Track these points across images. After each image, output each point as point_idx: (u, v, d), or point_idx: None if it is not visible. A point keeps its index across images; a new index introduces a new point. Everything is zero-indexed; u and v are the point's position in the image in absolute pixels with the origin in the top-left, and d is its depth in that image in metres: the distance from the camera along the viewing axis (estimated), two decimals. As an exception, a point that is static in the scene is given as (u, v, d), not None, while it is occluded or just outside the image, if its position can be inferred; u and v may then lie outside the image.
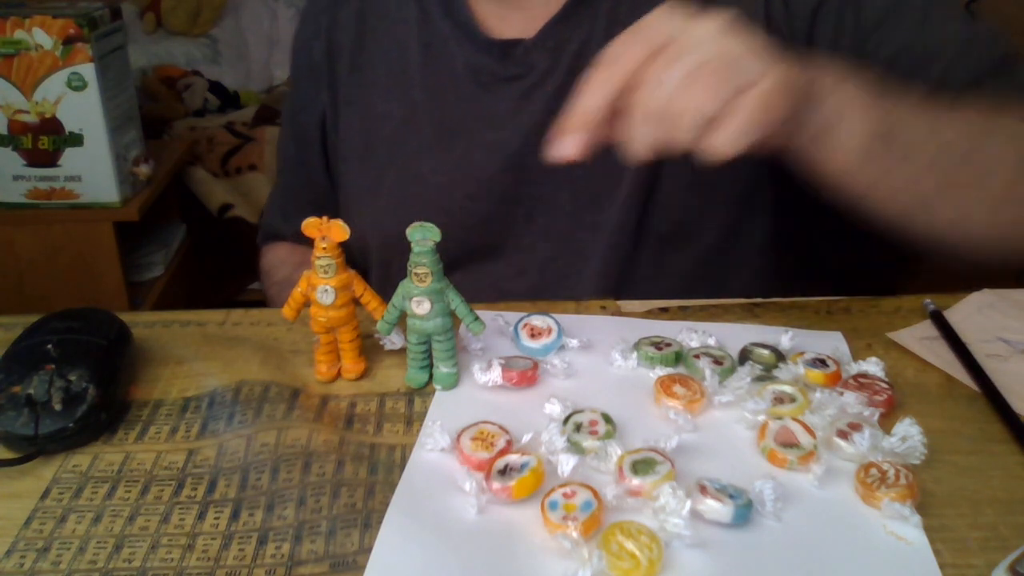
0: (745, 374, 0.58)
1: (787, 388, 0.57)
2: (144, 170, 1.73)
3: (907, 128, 0.62)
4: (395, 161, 0.85)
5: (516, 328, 0.65)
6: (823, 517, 0.48)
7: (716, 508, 0.46)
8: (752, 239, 0.80)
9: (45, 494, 0.52)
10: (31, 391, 0.55)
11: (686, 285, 0.77)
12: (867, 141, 0.59)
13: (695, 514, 0.47)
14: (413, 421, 0.57)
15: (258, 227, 1.06)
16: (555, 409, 0.56)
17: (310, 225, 0.58)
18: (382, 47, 0.86)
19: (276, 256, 1.00)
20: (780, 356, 0.61)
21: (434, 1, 0.83)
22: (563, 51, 0.78)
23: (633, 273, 0.79)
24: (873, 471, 0.50)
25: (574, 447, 0.53)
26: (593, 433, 0.54)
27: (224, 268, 2.19)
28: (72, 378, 0.56)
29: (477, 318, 0.59)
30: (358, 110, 0.88)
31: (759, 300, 0.71)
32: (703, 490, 0.47)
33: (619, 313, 0.69)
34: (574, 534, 0.45)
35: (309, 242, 0.58)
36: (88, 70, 1.53)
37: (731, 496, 0.47)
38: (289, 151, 0.98)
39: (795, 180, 0.65)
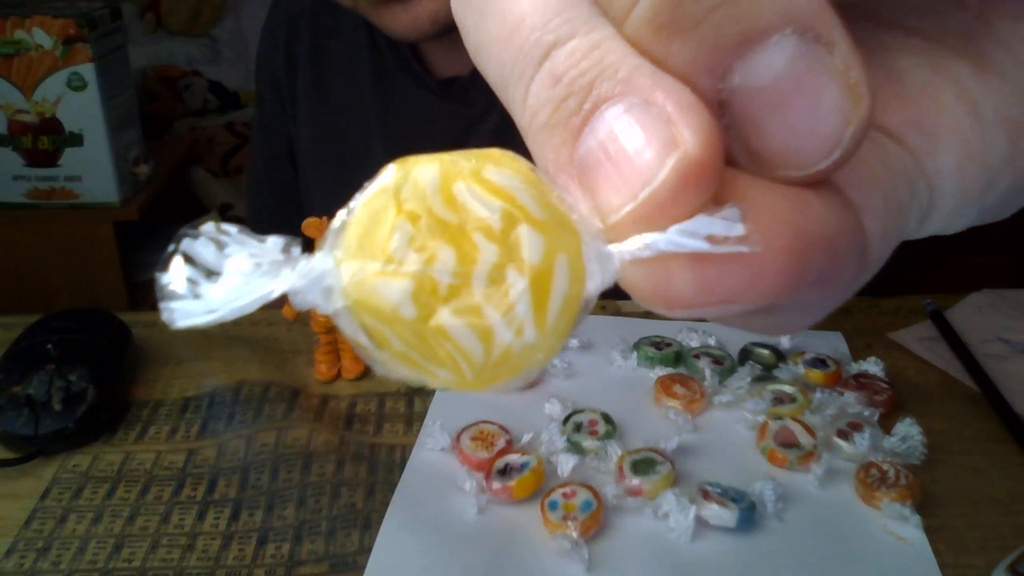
0: (745, 374, 0.58)
1: (787, 388, 0.57)
2: (144, 170, 1.73)
3: None
4: (348, 181, 0.85)
5: (516, 328, 0.64)
6: (823, 517, 0.48)
7: (720, 513, 0.46)
8: None
9: (45, 494, 0.52)
10: (31, 391, 0.55)
11: None
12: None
13: (698, 519, 0.47)
14: (413, 421, 0.57)
15: None
16: (555, 409, 0.56)
17: (310, 225, 0.57)
18: (336, 68, 0.87)
19: None
20: (780, 356, 0.61)
21: (380, 32, 0.84)
22: None
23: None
24: (873, 471, 0.50)
25: (574, 447, 0.53)
26: (593, 433, 0.53)
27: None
28: (72, 378, 0.56)
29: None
30: (315, 124, 0.89)
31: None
32: (706, 495, 0.47)
33: (619, 313, 0.69)
34: (574, 534, 0.45)
35: None
36: (88, 70, 1.53)
37: (734, 500, 0.47)
38: (260, 172, 0.98)
39: None
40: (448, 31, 0.76)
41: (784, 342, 0.63)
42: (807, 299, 0.15)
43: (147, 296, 1.84)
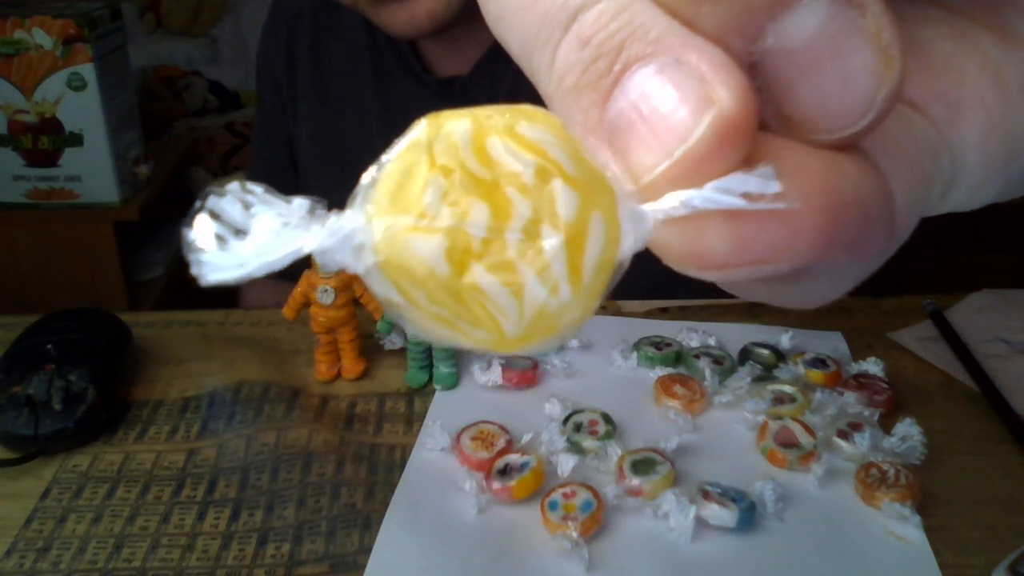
0: (745, 374, 0.58)
1: (787, 388, 0.57)
2: (144, 170, 1.73)
3: None
4: (348, 181, 0.86)
5: (516, 328, 0.64)
6: (823, 517, 0.48)
7: (720, 514, 0.46)
8: None
9: (45, 494, 0.52)
10: (31, 391, 0.55)
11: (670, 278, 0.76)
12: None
13: (698, 519, 0.47)
14: (413, 421, 0.57)
15: None
16: (555, 409, 0.56)
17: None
18: (336, 68, 0.87)
19: (255, 296, 1.00)
20: (780, 356, 0.61)
21: (380, 32, 0.83)
22: (498, 86, 0.79)
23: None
24: (873, 471, 0.50)
25: (574, 447, 0.53)
26: (593, 433, 0.53)
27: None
28: (72, 378, 0.56)
29: (477, 318, 0.59)
30: (315, 124, 0.89)
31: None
32: (706, 495, 0.47)
33: (619, 313, 0.69)
34: (574, 534, 0.45)
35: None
36: (88, 70, 1.53)
37: (734, 500, 0.47)
38: (260, 172, 0.98)
39: None
40: (447, 29, 0.76)
41: (784, 342, 0.63)
42: (838, 264, 0.15)
43: (147, 296, 1.84)
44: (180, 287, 1.97)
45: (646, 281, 0.73)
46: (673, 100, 0.14)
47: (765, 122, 0.15)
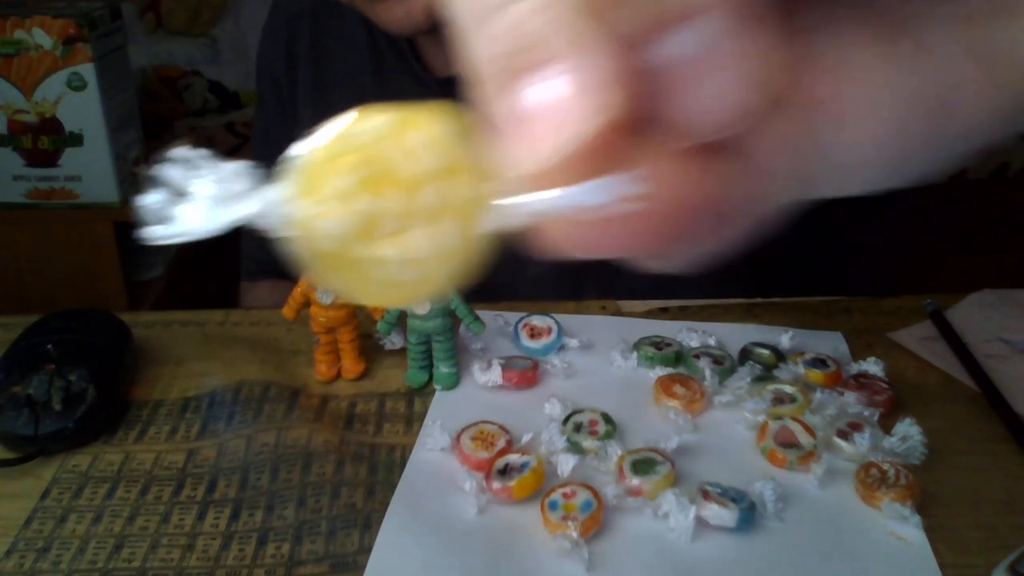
0: (745, 374, 0.58)
1: (787, 388, 0.57)
2: (144, 170, 1.73)
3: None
4: None
5: (516, 328, 0.65)
6: (823, 517, 0.48)
7: (720, 513, 0.46)
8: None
9: (45, 494, 0.52)
10: (31, 391, 0.55)
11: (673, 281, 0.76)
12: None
13: (698, 519, 0.47)
14: (413, 421, 0.57)
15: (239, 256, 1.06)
16: (555, 409, 0.56)
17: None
18: (336, 68, 0.87)
19: (255, 297, 1.00)
20: (780, 356, 0.61)
21: (380, 31, 0.83)
22: None
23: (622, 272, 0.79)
24: (873, 471, 0.50)
25: (574, 447, 0.53)
26: (593, 433, 0.53)
27: (224, 268, 2.18)
28: (72, 378, 0.56)
29: (477, 318, 0.59)
30: (315, 124, 0.89)
31: (759, 300, 0.71)
32: (706, 495, 0.47)
33: (619, 313, 0.69)
34: (574, 534, 0.45)
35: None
36: (88, 70, 1.53)
37: (734, 500, 0.47)
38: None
39: None
40: (445, 25, 0.76)
41: (784, 342, 0.63)
42: (694, 250, 0.18)
43: (147, 296, 1.84)
44: (180, 287, 1.97)
45: (646, 281, 0.74)
46: (559, 103, 0.15)
47: (646, 126, 0.16)
